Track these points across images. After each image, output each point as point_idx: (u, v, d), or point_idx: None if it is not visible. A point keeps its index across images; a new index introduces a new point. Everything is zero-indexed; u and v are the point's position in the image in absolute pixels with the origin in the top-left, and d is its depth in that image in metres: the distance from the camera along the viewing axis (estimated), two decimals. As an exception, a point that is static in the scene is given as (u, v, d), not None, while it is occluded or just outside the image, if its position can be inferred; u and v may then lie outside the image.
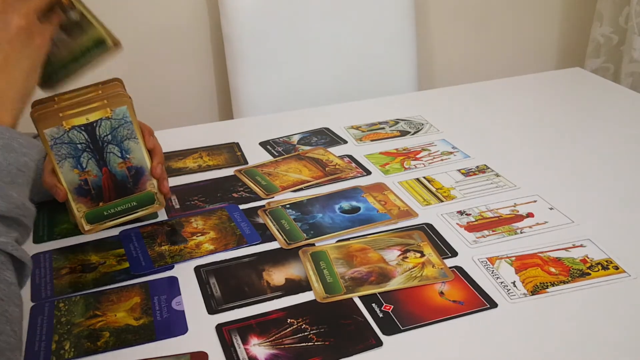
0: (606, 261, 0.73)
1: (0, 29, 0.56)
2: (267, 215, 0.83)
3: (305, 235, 0.79)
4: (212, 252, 0.76)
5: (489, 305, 0.67)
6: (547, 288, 0.69)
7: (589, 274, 0.71)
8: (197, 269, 0.74)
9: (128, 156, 0.76)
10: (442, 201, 0.86)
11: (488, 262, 0.73)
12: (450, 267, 0.73)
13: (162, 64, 1.60)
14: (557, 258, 0.74)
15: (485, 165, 0.95)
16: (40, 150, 0.59)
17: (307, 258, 0.75)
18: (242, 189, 0.91)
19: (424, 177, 0.92)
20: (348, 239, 0.78)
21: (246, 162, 0.99)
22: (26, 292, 0.70)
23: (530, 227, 0.80)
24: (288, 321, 0.65)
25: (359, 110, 1.17)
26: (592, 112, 1.14)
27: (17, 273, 0.55)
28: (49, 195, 0.78)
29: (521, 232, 0.79)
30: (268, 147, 1.04)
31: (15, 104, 0.57)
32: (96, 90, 0.75)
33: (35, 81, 0.60)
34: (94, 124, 0.74)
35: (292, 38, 1.47)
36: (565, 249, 0.75)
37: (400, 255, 0.75)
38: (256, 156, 1.00)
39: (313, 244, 0.78)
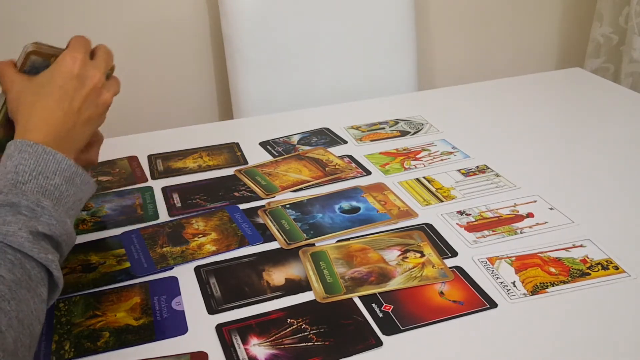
0: (606, 261, 0.73)
1: (79, 86, 0.66)
2: (267, 215, 0.83)
3: (305, 235, 0.79)
4: (214, 253, 0.76)
5: (489, 305, 0.67)
6: (547, 288, 0.69)
7: (589, 274, 0.71)
8: (197, 269, 0.74)
9: None
10: (442, 201, 0.86)
11: (488, 262, 0.73)
12: (450, 267, 0.73)
13: (162, 64, 1.60)
14: (557, 258, 0.74)
15: (485, 165, 0.95)
16: (93, 190, 0.65)
17: (307, 258, 0.75)
18: (243, 188, 0.91)
19: (424, 177, 0.92)
20: (348, 239, 0.78)
21: (246, 162, 0.99)
22: (26, 292, 0.71)
23: (530, 227, 0.80)
24: (288, 321, 0.65)
25: (359, 110, 1.17)
26: (592, 112, 1.14)
27: (47, 294, 0.57)
28: None
29: (521, 232, 0.79)
30: (268, 147, 1.04)
31: (76, 145, 0.66)
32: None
33: (92, 130, 0.69)
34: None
35: (292, 38, 1.47)
36: (565, 249, 0.75)
37: (400, 255, 0.75)
38: (256, 156, 1.00)
39: (313, 244, 0.78)
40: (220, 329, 0.65)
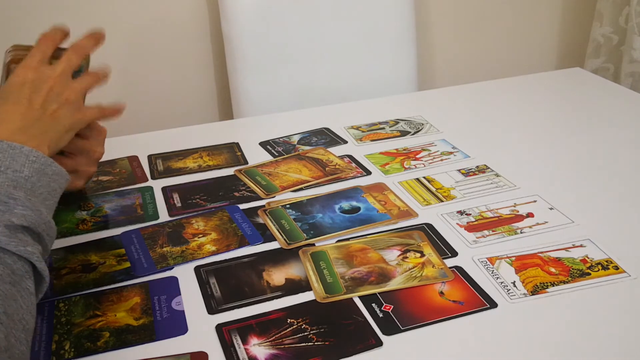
0: (606, 261, 0.73)
1: (35, 89, 0.68)
2: (267, 215, 0.83)
3: (305, 235, 0.79)
4: (214, 253, 0.76)
5: (489, 305, 0.67)
6: (547, 288, 0.69)
7: (589, 274, 0.71)
8: (197, 269, 0.74)
9: None
10: (442, 201, 0.86)
11: (488, 262, 0.73)
12: (450, 267, 0.73)
13: (162, 64, 1.60)
14: (557, 258, 0.74)
15: (485, 165, 0.95)
16: (67, 180, 0.65)
17: (307, 258, 0.75)
18: (243, 188, 0.91)
19: (424, 177, 0.92)
20: (348, 239, 0.78)
21: (246, 162, 0.99)
22: (26, 292, 0.71)
23: (530, 227, 0.80)
24: (288, 321, 0.65)
25: (359, 110, 1.17)
26: (592, 112, 1.14)
27: (35, 286, 0.56)
28: None
29: (521, 232, 0.79)
30: (268, 147, 1.04)
31: (52, 144, 0.67)
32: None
33: (67, 124, 0.70)
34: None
35: (292, 38, 1.47)
36: (565, 249, 0.75)
37: (400, 255, 0.75)
38: (256, 156, 1.00)
39: (313, 244, 0.78)
40: (220, 329, 0.65)
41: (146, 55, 1.57)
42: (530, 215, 0.82)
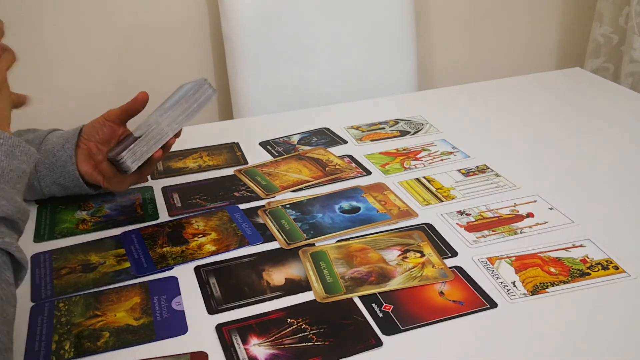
0: (606, 261, 0.73)
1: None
2: (267, 215, 0.83)
3: (305, 235, 0.79)
4: (214, 253, 0.76)
5: (489, 305, 0.67)
6: (547, 288, 0.69)
7: (589, 274, 0.71)
8: (197, 269, 0.74)
9: None
10: (442, 201, 0.86)
11: (488, 262, 0.73)
12: (450, 267, 0.73)
13: (162, 64, 1.60)
14: (557, 258, 0.74)
15: (485, 165, 0.95)
16: (35, 159, 0.63)
17: (307, 258, 0.75)
18: (243, 187, 0.91)
19: (424, 177, 0.92)
20: (348, 239, 0.78)
21: (246, 162, 0.99)
22: (26, 292, 0.71)
23: (530, 227, 0.80)
24: (288, 321, 0.65)
25: (359, 110, 1.17)
26: (592, 112, 1.14)
27: (14, 274, 0.56)
28: (47, 195, 0.78)
29: (521, 232, 0.79)
30: (268, 147, 1.04)
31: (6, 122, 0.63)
32: None
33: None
34: None
35: (292, 38, 1.47)
36: (565, 249, 0.75)
37: (400, 255, 0.75)
38: (256, 156, 1.00)
39: (313, 244, 0.78)
40: (220, 329, 0.65)
41: (146, 55, 1.57)
42: (530, 215, 0.82)
